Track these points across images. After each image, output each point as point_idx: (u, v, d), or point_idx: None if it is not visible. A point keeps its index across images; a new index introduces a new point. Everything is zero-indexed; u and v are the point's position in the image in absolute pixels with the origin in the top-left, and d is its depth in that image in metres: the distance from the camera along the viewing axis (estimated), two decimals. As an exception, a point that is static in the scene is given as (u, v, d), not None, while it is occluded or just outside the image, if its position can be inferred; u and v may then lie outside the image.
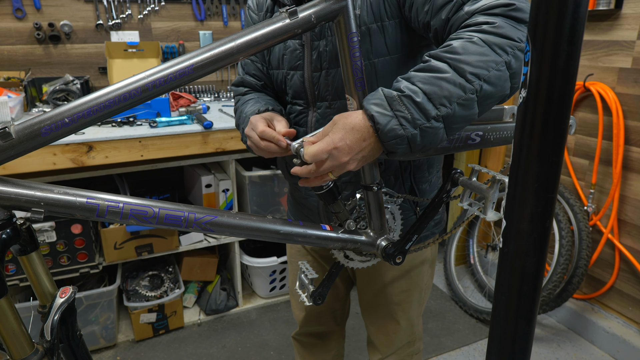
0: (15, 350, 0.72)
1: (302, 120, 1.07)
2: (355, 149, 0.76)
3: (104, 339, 2.20)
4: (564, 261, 2.16)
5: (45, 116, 0.67)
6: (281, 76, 1.08)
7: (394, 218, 1.03)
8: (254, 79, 1.17)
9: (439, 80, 0.74)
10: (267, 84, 1.17)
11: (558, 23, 0.37)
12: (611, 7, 1.97)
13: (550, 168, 0.42)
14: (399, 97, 0.75)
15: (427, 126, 0.74)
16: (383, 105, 0.75)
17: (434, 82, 0.74)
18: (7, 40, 2.32)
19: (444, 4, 0.83)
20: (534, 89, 0.40)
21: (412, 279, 1.23)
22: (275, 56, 1.08)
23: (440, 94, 0.73)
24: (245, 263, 2.47)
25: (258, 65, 1.16)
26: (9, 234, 0.69)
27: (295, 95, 1.06)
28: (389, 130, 0.74)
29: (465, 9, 0.80)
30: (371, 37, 0.94)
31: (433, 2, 0.84)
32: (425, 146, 0.77)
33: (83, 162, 1.86)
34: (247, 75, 1.18)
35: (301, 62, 1.02)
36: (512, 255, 0.46)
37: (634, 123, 2.00)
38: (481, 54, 0.73)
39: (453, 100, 0.74)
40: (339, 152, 0.76)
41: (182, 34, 2.65)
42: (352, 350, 2.21)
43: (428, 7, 0.85)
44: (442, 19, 0.83)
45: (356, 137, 0.76)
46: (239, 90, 1.20)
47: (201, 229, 0.77)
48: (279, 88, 1.12)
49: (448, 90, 0.73)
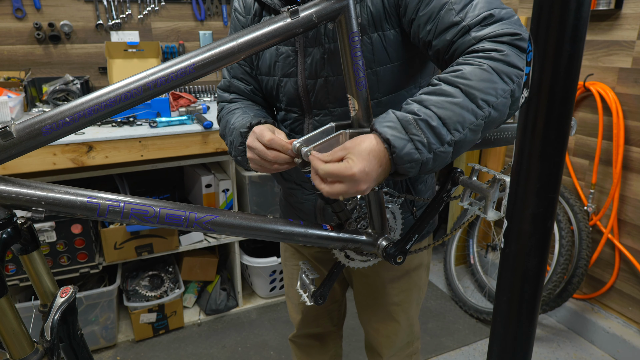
0: (15, 349, 0.72)
1: (298, 128, 1.05)
2: (373, 175, 0.74)
3: (104, 339, 2.20)
4: (564, 261, 2.16)
5: (46, 115, 0.67)
6: (272, 83, 1.04)
7: (394, 218, 1.03)
8: (242, 82, 1.11)
9: (453, 105, 0.74)
10: (255, 89, 1.12)
11: (560, 23, 0.37)
12: (611, 7, 1.97)
13: (552, 168, 0.42)
14: (415, 121, 0.74)
15: (440, 151, 0.74)
16: (397, 129, 0.74)
17: (448, 106, 0.74)
18: (7, 40, 2.32)
19: (449, 27, 0.82)
20: (536, 89, 0.40)
21: (411, 278, 1.23)
22: (265, 62, 1.03)
23: (454, 119, 0.74)
24: (245, 263, 2.46)
25: (246, 69, 1.10)
26: (9, 234, 0.69)
27: (289, 102, 1.03)
28: (405, 154, 0.73)
29: (473, 34, 0.80)
30: (373, 47, 0.93)
31: (437, 23, 0.83)
32: (432, 169, 0.77)
33: (83, 162, 1.86)
34: (234, 79, 1.12)
35: (294, 69, 0.99)
36: (513, 256, 0.46)
37: (634, 123, 2.00)
38: (490, 81, 0.74)
39: (465, 126, 0.74)
40: (357, 182, 0.73)
41: (182, 34, 2.65)
42: (352, 351, 2.21)
43: (431, 26, 0.85)
44: (446, 40, 0.83)
45: (374, 165, 0.74)
46: (224, 96, 1.14)
47: (202, 228, 0.77)
48: (269, 95, 1.08)
49: (461, 116, 0.74)
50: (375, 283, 1.23)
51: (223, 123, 1.09)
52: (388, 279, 1.21)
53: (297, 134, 1.05)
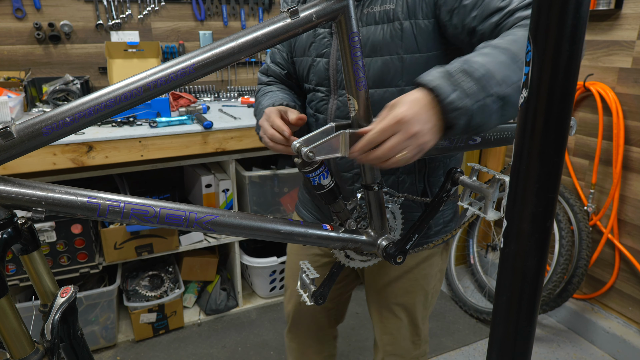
0: (16, 349, 0.72)
1: (323, 108, 1.10)
2: (424, 116, 0.72)
3: (104, 339, 2.20)
4: (564, 261, 2.16)
5: (47, 115, 0.67)
6: (306, 63, 1.12)
7: (394, 218, 1.03)
8: (278, 67, 1.24)
9: (497, 63, 0.74)
10: (290, 73, 1.23)
11: (560, 22, 0.37)
12: (611, 7, 1.97)
13: (551, 168, 0.42)
14: (460, 71, 0.74)
15: (487, 102, 0.73)
16: (443, 78, 0.73)
17: (493, 63, 0.74)
18: (7, 40, 2.32)
19: (494, 11, 0.86)
20: (535, 88, 0.40)
21: (417, 281, 1.23)
22: (302, 44, 1.12)
23: (499, 74, 0.74)
24: (245, 263, 2.47)
25: (283, 54, 1.22)
26: (10, 234, 0.69)
27: (318, 82, 1.10)
28: (452, 100, 0.72)
29: (518, 14, 0.84)
30: (403, 33, 0.96)
31: (482, 9, 0.87)
32: (480, 127, 0.76)
33: (83, 162, 1.86)
34: (272, 63, 1.25)
35: (328, 50, 1.05)
36: (513, 256, 0.46)
37: (634, 123, 2.00)
38: None
39: (509, 84, 0.74)
40: (407, 124, 0.71)
41: (182, 34, 2.65)
42: (352, 350, 2.21)
43: (476, 13, 0.88)
44: (492, 23, 0.86)
45: (421, 106, 0.72)
46: (262, 79, 1.27)
47: (202, 228, 0.77)
48: (301, 75, 1.16)
49: (506, 74, 0.74)
50: (381, 280, 1.24)
51: (256, 103, 1.20)
52: (393, 276, 1.22)
53: (322, 114, 1.11)
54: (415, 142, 0.73)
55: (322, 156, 0.81)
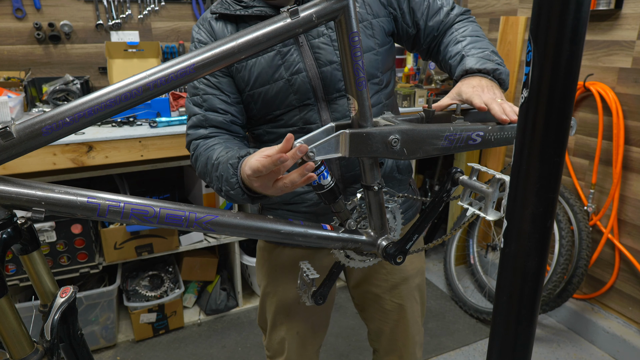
0: (15, 349, 0.72)
1: (313, 118, 1.04)
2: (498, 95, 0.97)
3: (104, 339, 2.20)
4: (564, 261, 2.16)
5: (46, 115, 0.67)
6: (275, 89, 1.02)
7: (394, 218, 1.03)
8: (219, 114, 1.04)
9: (487, 42, 1.10)
10: (233, 118, 1.06)
11: (560, 23, 0.37)
12: (611, 7, 1.97)
13: (551, 168, 0.41)
14: (491, 53, 1.03)
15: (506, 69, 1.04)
16: (487, 61, 1.01)
17: (487, 42, 1.10)
18: (7, 40, 2.32)
19: (437, 10, 1.14)
20: (535, 88, 0.40)
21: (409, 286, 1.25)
22: (264, 72, 1.02)
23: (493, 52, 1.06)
24: (245, 263, 2.46)
25: (222, 98, 1.04)
26: (9, 234, 0.69)
27: (302, 98, 1.03)
28: (502, 71, 1.01)
29: (454, 12, 1.15)
30: (374, 30, 1.08)
31: (428, 10, 1.13)
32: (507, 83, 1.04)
33: (83, 162, 1.86)
34: (209, 112, 1.04)
35: (301, 64, 1.01)
36: (513, 256, 0.46)
37: (634, 123, 2.00)
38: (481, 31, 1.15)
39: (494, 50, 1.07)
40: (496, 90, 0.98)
41: (182, 34, 2.65)
42: (352, 351, 2.21)
43: (424, 12, 1.13)
44: (439, 20, 1.13)
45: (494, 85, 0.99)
46: (200, 132, 1.05)
47: (202, 228, 0.77)
48: (268, 104, 1.04)
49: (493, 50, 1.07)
50: (370, 291, 1.27)
51: (202, 160, 1.00)
52: (383, 289, 1.26)
53: (313, 124, 1.05)
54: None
55: (322, 156, 0.81)
